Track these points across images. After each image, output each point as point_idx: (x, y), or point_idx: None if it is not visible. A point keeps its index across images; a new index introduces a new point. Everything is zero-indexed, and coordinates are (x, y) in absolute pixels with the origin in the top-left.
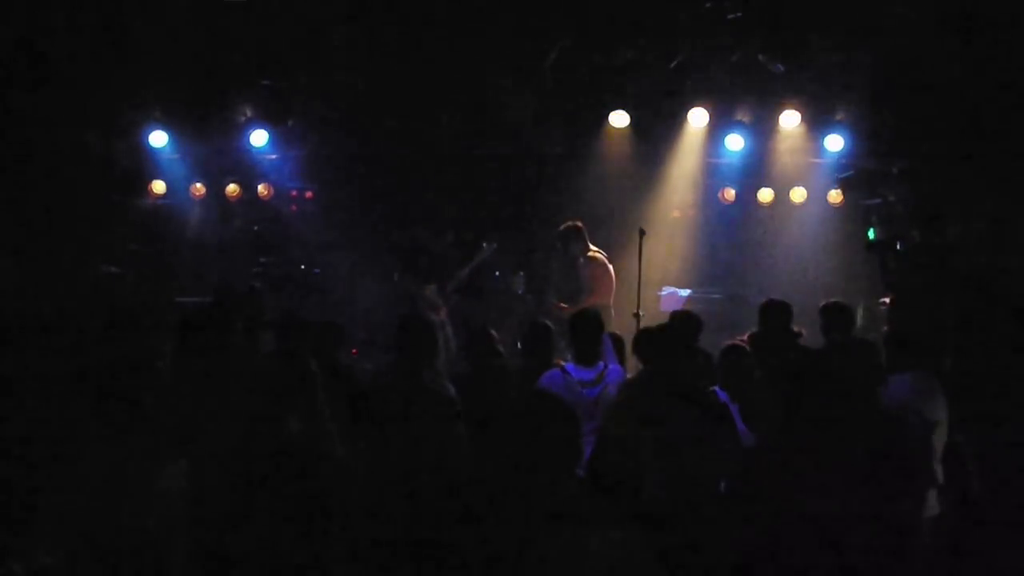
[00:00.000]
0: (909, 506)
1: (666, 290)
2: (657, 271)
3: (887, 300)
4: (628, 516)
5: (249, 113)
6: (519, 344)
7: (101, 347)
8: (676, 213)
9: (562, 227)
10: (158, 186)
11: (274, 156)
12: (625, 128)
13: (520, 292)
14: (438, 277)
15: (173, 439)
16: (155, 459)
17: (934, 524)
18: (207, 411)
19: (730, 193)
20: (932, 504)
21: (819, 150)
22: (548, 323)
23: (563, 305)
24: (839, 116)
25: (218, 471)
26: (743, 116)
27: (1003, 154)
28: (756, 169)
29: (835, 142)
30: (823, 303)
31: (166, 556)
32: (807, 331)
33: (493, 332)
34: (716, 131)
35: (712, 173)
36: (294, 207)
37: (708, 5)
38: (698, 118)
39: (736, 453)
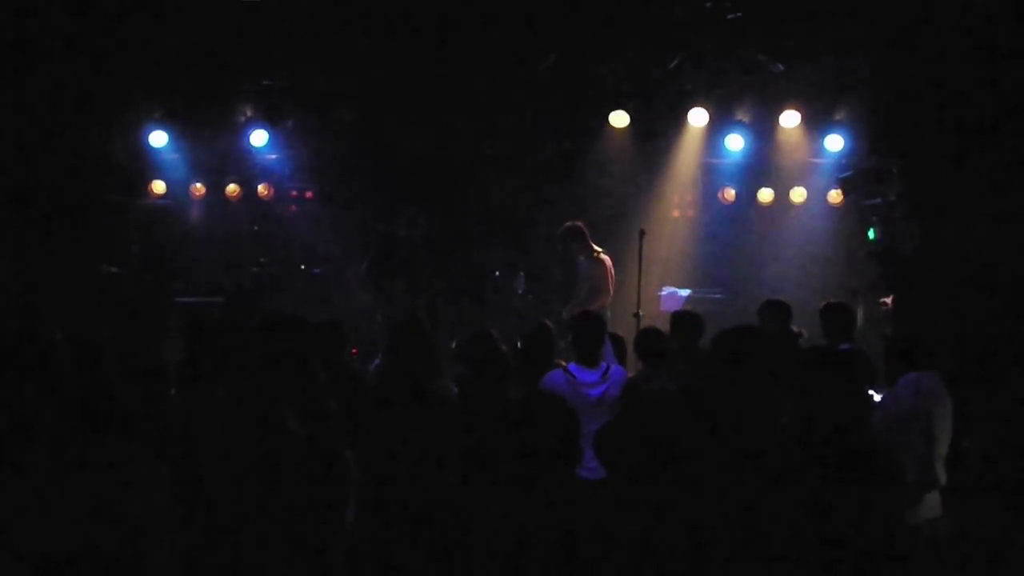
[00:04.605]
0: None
1: (666, 290)
2: (657, 271)
3: (887, 300)
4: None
5: (249, 113)
6: (519, 344)
7: (99, 347)
8: (676, 213)
9: (562, 228)
10: (158, 186)
11: (274, 156)
12: (625, 128)
13: (520, 292)
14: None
15: (170, 440)
16: (147, 462)
17: (934, 526)
18: (210, 411)
19: (730, 193)
20: (934, 506)
21: (819, 150)
22: (548, 323)
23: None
24: (839, 116)
25: (214, 471)
26: (743, 116)
27: (1004, 153)
28: (756, 169)
29: (835, 142)
30: (823, 303)
31: (154, 560)
32: (807, 331)
33: (494, 332)
34: (716, 131)
35: (712, 173)
36: (294, 207)
37: (708, 5)
38: (698, 118)
39: None
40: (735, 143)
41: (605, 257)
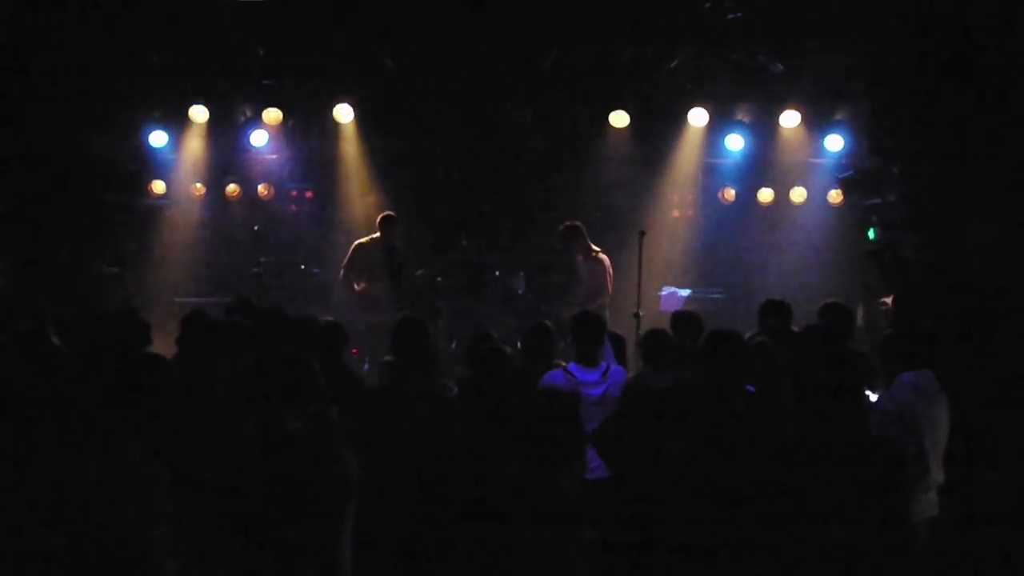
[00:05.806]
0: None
1: (666, 290)
2: (657, 271)
3: (887, 300)
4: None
5: (249, 113)
6: (519, 344)
7: (99, 349)
8: (676, 213)
9: (562, 227)
10: (158, 186)
11: (274, 156)
12: (625, 128)
13: (520, 292)
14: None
15: (169, 441)
16: (146, 462)
17: (934, 525)
18: (209, 412)
19: (730, 193)
20: (932, 505)
21: (819, 150)
22: (548, 323)
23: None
24: (839, 116)
25: (213, 471)
26: (743, 116)
27: (1005, 154)
28: (756, 169)
29: (835, 142)
30: (823, 303)
31: (153, 560)
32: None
33: (493, 332)
34: (716, 131)
35: (712, 173)
36: (294, 207)
37: (708, 5)
38: (698, 118)
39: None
40: (735, 143)
41: (604, 257)
